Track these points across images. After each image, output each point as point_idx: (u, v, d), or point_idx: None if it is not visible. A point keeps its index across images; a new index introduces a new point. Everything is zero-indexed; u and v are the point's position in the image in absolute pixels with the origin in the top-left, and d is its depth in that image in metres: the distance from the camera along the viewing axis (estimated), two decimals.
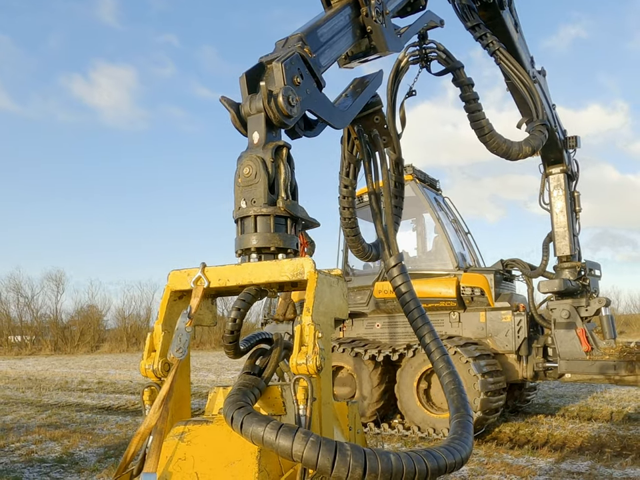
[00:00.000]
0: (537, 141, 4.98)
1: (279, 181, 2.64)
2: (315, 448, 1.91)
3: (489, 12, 6.30)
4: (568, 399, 15.42)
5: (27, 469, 9.02)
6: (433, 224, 12.48)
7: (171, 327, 2.51)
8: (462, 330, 11.40)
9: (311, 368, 2.15)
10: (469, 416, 2.70)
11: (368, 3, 3.55)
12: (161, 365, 2.43)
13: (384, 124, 3.73)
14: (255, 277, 2.44)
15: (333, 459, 1.91)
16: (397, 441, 10.54)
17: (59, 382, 24.02)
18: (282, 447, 1.94)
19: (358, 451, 1.95)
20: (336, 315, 2.45)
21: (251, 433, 1.99)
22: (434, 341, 3.12)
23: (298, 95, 2.75)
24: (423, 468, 2.05)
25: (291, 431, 1.96)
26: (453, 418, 2.68)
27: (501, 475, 8.04)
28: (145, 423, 2.35)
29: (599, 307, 10.43)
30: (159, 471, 2.23)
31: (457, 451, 2.29)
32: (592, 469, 8.21)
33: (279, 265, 2.42)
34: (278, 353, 2.54)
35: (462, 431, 2.52)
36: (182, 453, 2.27)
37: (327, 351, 2.29)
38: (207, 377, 24.17)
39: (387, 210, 3.59)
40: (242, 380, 2.36)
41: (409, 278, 3.35)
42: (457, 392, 2.87)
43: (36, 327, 58.62)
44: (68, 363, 38.63)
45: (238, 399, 2.14)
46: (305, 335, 2.20)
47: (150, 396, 2.45)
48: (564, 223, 10.60)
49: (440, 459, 2.15)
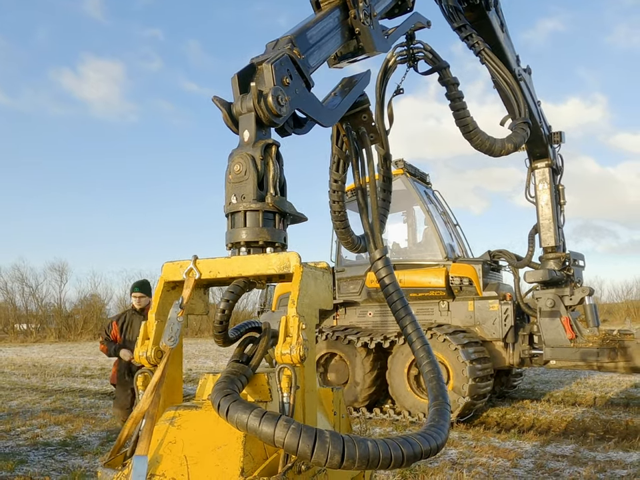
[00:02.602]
0: (519, 138, 5.00)
1: (267, 177, 2.67)
2: (295, 435, 1.94)
3: (476, 13, 6.30)
4: (553, 384, 15.50)
5: (32, 451, 9.07)
6: (423, 216, 12.53)
7: (164, 316, 2.53)
8: (451, 318, 11.47)
9: (295, 358, 2.18)
10: (447, 404, 2.72)
11: (356, 6, 3.57)
12: (153, 353, 2.46)
13: (371, 121, 3.75)
14: (244, 269, 2.47)
15: (313, 445, 1.94)
16: (388, 425, 10.60)
17: (63, 368, 24.07)
18: (264, 433, 1.97)
19: (337, 438, 1.98)
20: (320, 306, 2.47)
21: (236, 420, 2.02)
22: (415, 331, 3.15)
23: (287, 94, 2.77)
24: (399, 454, 2.08)
25: (273, 419, 1.98)
26: (431, 406, 2.70)
27: (488, 457, 8.10)
28: (138, 408, 2.38)
29: (583, 296, 10.51)
30: (150, 454, 2.26)
31: (433, 438, 2.31)
32: (576, 452, 8.28)
33: (267, 258, 2.44)
34: (265, 341, 2.56)
35: (439, 419, 2.55)
36: (172, 437, 2.29)
37: (311, 341, 2.32)
38: (205, 363, 24.23)
39: (372, 205, 3.61)
40: (230, 368, 2.39)
41: (393, 270, 3.38)
42: (436, 381, 2.89)
43: (41, 316, 58.75)
44: (72, 350, 38.71)
45: (225, 387, 2.17)
46: (289, 326, 2.22)
47: (143, 382, 2.47)
48: (549, 215, 10.66)
49: (415, 445, 2.18)
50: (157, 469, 2.24)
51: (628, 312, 49.04)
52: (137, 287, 8.47)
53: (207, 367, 22.18)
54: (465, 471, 7.35)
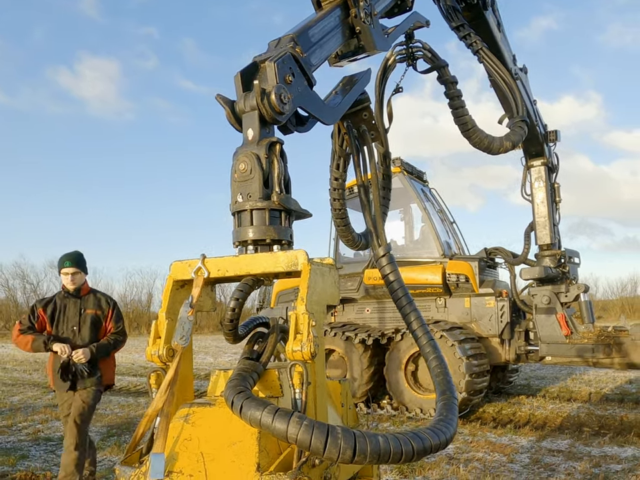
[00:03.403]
0: (516, 137, 5.01)
1: (272, 175, 2.67)
2: (308, 431, 1.95)
3: (473, 12, 6.31)
4: (548, 380, 15.52)
5: (33, 447, 9.05)
6: (420, 214, 12.50)
7: (174, 314, 2.54)
8: (448, 315, 11.47)
9: (306, 354, 2.19)
10: (454, 398, 2.73)
11: (357, 5, 3.57)
12: (165, 351, 2.47)
13: (372, 119, 3.75)
14: (252, 267, 2.47)
15: (325, 441, 1.94)
16: (385, 420, 10.60)
17: None
18: (278, 429, 1.98)
19: (348, 433, 1.98)
20: (328, 301, 2.48)
21: (250, 417, 2.03)
22: (421, 327, 3.16)
23: (290, 92, 2.77)
24: (409, 449, 2.09)
25: (286, 415, 1.99)
26: (439, 400, 2.71)
27: (484, 452, 8.10)
28: (152, 406, 2.39)
29: (578, 293, 10.51)
30: (167, 451, 2.27)
31: (442, 432, 2.32)
32: (571, 447, 8.29)
33: (275, 257, 2.45)
34: (274, 338, 2.57)
35: (447, 413, 2.55)
36: (187, 434, 2.31)
37: (320, 337, 2.33)
38: (205, 359, 24.23)
39: (375, 202, 3.61)
40: (241, 365, 2.40)
41: (397, 267, 3.38)
42: (443, 375, 2.90)
43: None
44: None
45: (238, 384, 2.17)
46: (299, 324, 2.23)
47: (156, 380, 2.48)
48: (545, 213, 10.66)
49: (425, 440, 2.18)
50: (174, 465, 2.25)
51: (622, 309, 49.22)
52: (68, 260, 6.36)
53: (207, 363, 22.18)
54: (462, 466, 7.36)
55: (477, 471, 7.22)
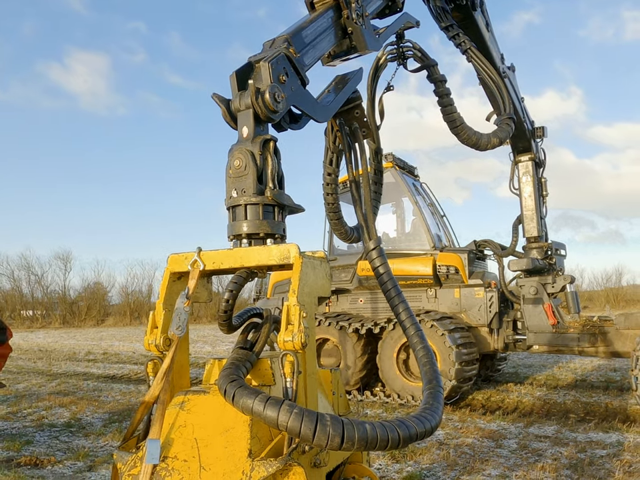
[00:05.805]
0: (504, 133, 5.02)
1: (266, 171, 2.68)
2: (297, 419, 1.97)
3: (462, 13, 6.32)
4: (536, 368, 15.56)
5: (37, 433, 9.06)
6: (411, 207, 12.50)
7: (171, 305, 2.55)
8: (438, 305, 11.48)
9: (297, 344, 2.20)
10: (440, 387, 2.75)
11: (349, 6, 3.58)
12: (162, 341, 2.48)
13: (364, 117, 3.76)
14: (246, 260, 2.49)
15: (314, 428, 1.96)
16: (378, 407, 10.61)
17: (67, 353, 24.09)
18: (269, 417, 1.99)
19: (337, 421, 2.00)
20: (319, 293, 2.49)
21: (242, 405, 2.04)
22: (409, 317, 3.17)
23: (283, 91, 2.78)
24: (396, 436, 2.11)
25: (277, 403, 2.01)
26: (425, 389, 2.72)
27: (474, 438, 8.12)
28: (149, 393, 2.42)
29: (564, 284, 10.55)
30: (162, 437, 2.29)
31: (427, 420, 2.33)
32: (558, 433, 8.31)
33: (268, 250, 2.46)
34: (267, 328, 2.59)
35: (433, 401, 2.57)
36: (182, 421, 2.32)
37: (311, 328, 2.34)
38: (204, 348, 24.23)
39: (366, 197, 3.62)
40: (235, 354, 2.42)
41: (387, 260, 3.41)
42: (430, 365, 2.91)
43: (46, 303, 58.78)
44: (75, 335, 38.64)
45: (231, 373, 2.19)
46: (291, 315, 2.24)
47: (153, 368, 2.50)
48: (532, 206, 10.71)
49: (411, 427, 2.20)
50: (169, 451, 2.27)
51: (607, 299, 49.23)
52: None
53: (205, 352, 22.18)
54: (452, 451, 7.38)
55: (466, 455, 7.25)
